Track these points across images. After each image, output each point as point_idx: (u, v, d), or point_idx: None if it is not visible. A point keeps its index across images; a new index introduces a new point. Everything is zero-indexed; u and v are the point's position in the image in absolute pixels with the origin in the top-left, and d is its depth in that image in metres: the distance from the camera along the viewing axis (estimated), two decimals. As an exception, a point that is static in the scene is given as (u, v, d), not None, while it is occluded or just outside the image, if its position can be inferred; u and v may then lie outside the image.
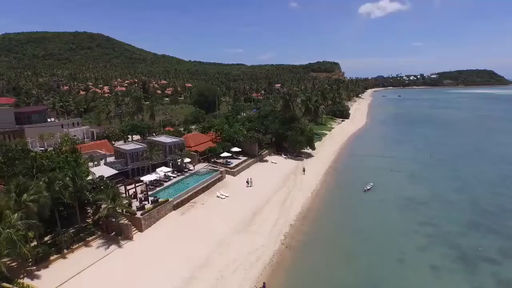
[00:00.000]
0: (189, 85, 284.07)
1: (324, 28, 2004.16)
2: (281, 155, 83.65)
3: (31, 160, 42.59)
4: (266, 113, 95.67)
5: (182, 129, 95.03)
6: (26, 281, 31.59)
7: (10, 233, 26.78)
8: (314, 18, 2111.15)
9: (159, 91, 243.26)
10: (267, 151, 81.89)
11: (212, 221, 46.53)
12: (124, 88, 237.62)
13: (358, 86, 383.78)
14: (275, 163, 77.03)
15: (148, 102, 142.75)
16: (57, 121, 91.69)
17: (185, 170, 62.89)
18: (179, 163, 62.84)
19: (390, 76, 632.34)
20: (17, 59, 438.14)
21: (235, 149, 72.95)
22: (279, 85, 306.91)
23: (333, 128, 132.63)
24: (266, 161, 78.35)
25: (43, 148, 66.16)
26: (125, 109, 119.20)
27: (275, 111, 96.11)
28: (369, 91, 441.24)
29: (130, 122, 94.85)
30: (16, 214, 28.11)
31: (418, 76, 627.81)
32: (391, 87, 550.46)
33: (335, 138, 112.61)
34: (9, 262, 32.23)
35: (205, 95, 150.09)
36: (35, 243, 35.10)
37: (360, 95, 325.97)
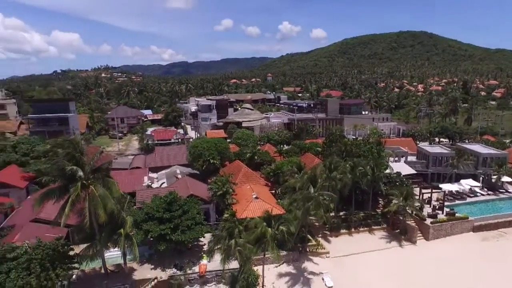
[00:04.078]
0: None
1: None
2: None
3: (344, 145, 49.60)
4: None
5: (508, 140, 77.65)
6: (321, 240, 38.30)
7: (319, 197, 32.78)
8: None
9: (483, 93, 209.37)
10: None
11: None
12: (440, 88, 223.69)
13: None
14: None
15: (466, 104, 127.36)
16: (369, 114, 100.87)
17: (501, 190, 51.31)
18: (493, 180, 52.13)
19: None
20: (349, 59, 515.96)
21: None
22: None
23: None
24: None
25: (354, 137, 75.08)
26: (437, 110, 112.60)
27: None
28: None
29: (440, 124, 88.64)
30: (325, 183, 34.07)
31: None
32: None
33: None
34: (314, 221, 39.78)
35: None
36: (332, 214, 41.17)
37: None
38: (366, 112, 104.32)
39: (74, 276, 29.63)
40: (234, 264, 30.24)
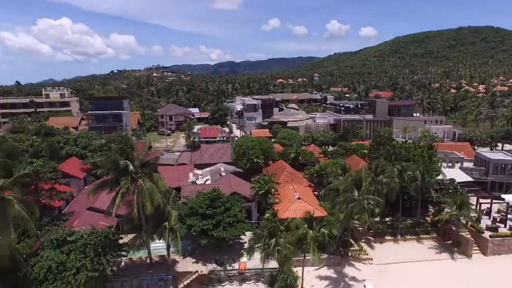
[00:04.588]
0: None
1: None
2: None
3: (392, 148, 47.31)
4: None
5: None
6: (364, 246, 36.97)
7: (363, 201, 31.60)
8: None
9: None
10: None
11: None
12: (506, 88, 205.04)
13: None
14: None
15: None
16: (421, 116, 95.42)
17: None
18: None
19: None
20: (400, 59, 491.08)
21: None
22: None
23: None
24: None
25: (403, 139, 71.30)
26: (501, 112, 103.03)
27: None
28: None
29: (505, 128, 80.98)
30: (369, 186, 32.62)
31: None
32: None
33: None
34: (357, 225, 38.47)
35: None
36: (377, 219, 39.45)
37: None
38: (418, 114, 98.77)
39: (122, 263, 31.52)
40: (273, 264, 30.19)
